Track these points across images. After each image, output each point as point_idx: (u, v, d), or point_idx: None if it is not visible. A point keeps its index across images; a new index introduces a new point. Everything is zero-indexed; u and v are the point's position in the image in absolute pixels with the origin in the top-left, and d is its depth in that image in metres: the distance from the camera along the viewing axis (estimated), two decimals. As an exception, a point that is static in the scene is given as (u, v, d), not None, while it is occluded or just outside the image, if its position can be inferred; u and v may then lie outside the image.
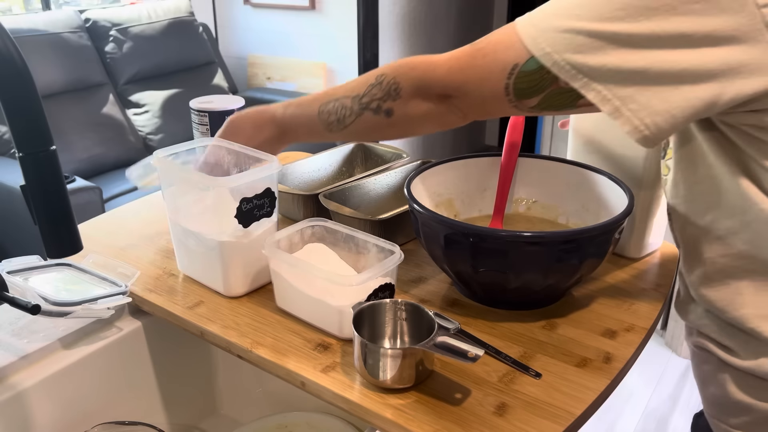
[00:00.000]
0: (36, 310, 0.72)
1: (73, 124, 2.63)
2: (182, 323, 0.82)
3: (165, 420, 0.94)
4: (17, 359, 0.78)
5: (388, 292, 0.77)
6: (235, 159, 0.87)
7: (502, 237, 0.75)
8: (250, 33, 3.49)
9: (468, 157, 0.95)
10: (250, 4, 3.40)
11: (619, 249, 0.93)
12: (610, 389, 0.69)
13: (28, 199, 0.62)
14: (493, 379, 0.69)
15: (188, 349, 0.95)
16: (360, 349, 0.67)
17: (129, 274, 0.87)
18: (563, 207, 0.93)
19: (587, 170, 0.90)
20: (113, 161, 2.72)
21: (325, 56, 3.29)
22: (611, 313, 0.81)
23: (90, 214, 1.16)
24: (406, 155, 1.13)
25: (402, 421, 0.63)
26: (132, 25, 2.92)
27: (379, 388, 0.68)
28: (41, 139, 0.61)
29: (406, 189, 0.83)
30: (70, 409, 0.82)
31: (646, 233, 0.92)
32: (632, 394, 2.16)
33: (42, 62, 2.57)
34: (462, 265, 0.77)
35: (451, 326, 0.74)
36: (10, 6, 3.04)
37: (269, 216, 0.84)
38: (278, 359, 0.73)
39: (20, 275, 0.82)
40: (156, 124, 2.90)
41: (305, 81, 3.34)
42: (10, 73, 0.58)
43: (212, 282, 0.86)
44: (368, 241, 0.79)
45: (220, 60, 3.28)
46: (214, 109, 0.98)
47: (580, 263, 0.75)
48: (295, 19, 3.31)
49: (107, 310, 0.82)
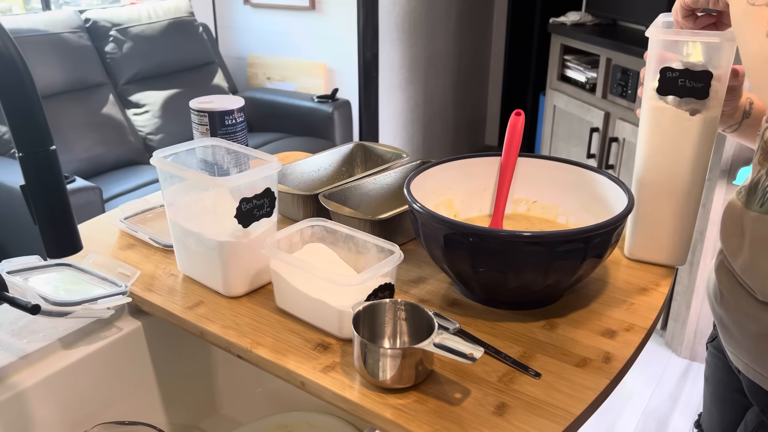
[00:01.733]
0: (36, 310, 0.72)
1: (73, 124, 2.63)
2: (182, 323, 0.82)
3: (165, 420, 0.94)
4: (17, 359, 0.78)
5: (387, 292, 0.77)
6: (235, 159, 0.87)
7: (502, 237, 0.75)
8: (250, 33, 3.49)
9: (468, 157, 0.95)
10: (250, 4, 3.40)
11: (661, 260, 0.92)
12: (609, 389, 0.69)
13: (28, 199, 0.62)
14: (492, 379, 0.69)
15: (188, 349, 0.95)
16: (360, 349, 0.67)
17: (129, 274, 0.88)
18: (563, 207, 0.93)
19: (587, 170, 0.91)
20: (113, 161, 2.72)
21: (325, 56, 3.29)
22: (611, 313, 0.81)
23: (90, 214, 1.16)
24: (405, 155, 1.13)
25: (402, 421, 0.63)
26: (132, 25, 2.92)
27: (378, 388, 0.68)
28: (41, 139, 0.61)
29: (406, 189, 0.83)
30: (70, 409, 0.82)
31: (687, 240, 0.90)
32: (632, 394, 2.16)
33: (42, 62, 2.57)
34: (462, 265, 0.77)
35: (450, 326, 0.74)
36: (10, 6, 3.04)
37: (269, 216, 0.84)
38: (278, 359, 0.73)
39: (20, 275, 0.82)
40: (156, 124, 2.90)
41: (305, 81, 3.34)
42: (10, 73, 0.58)
43: (212, 282, 0.86)
44: (368, 241, 0.79)
45: (220, 60, 3.28)
46: (214, 109, 0.98)
47: (580, 263, 0.75)
48: (295, 19, 3.31)
49: (107, 310, 0.82)
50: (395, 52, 3.35)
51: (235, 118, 1.00)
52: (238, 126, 1.01)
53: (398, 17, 3.31)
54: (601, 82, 2.61)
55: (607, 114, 2.58)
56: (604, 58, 2.59)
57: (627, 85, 2.45)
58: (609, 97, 2.58)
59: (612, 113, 2.56)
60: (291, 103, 3.18)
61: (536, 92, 3.87)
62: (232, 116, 1.00)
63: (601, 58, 2.60)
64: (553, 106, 2.98)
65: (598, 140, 2.63)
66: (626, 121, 2.46)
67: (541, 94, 3.42)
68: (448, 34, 3.74)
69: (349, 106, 3.17)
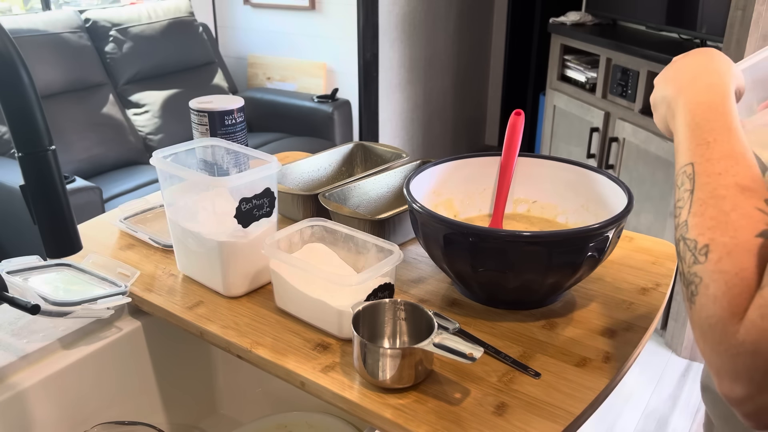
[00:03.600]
0: (36, 310, 0.72)
1: (73, 124, 2.63)
2: (182, 323, 0.82)
3: (165, 420, 0.94)
4: (17, 359, 0.78)
5: (387, 292, 0.77)
6: (235, 159, 0.87)
7: (502, 237, 0.75)
8: (250, 33, 3.49)
9: (468, 157, 0.95)
10: (250, 4, 3.40)
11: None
12: (609, 389, 0.69)
13: (28, 199, 0.62)
14: (492, 379, 0.69)
15: (188, 349, 0.95)
16: (359, 349, 0.67)
17: (129, 274, 0.88)
18: (563, 207, 0.93)
19: (587, 170, 0.90)
20: (113, 161, 2.72)
21: (325, 56, 3.29)
22: (611, 313, 0.81)
23: (90, 214, 1.16)
24: (405, 155, 1.12)
25: (401, 421, 0.63)
26: (132, 25, 2.92)
27: (378, 388, 0.68)
28: (41, 139, 0.61)
29: (406, 189, 0.83)
30: (70, 409, 0.82)
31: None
32: (632, 394, 2.16)
33: (42, 62, 2.57)
34: (461, 264, 0.77)
35: (450, 326, 0.74)
36: (10, 6, 3.04)
37: (269, 216, 0.84)
38: (278, 359, 0.73)
39: (20, 275, 0.82)
40: (156, 124, 2.90)
41: (305, 81, 3.34)
42: (9, 73, 0.58)
43: (212, 282, 0.86)
44: (368, 241, 0.79)
45: (220, 60, 3.28)
46: (213, 109, 0.98)
47: (580, 263, 0.75)
48: (295, 19, 3.31)
49: (107, 310, 0.82)
50: (395, 52, 3.35)
51: (235, 118, 1.00)
52: (238, 126, 1.01)
53: (398, 17, 3.31)
54: (601, 82, 2.61)
55: (607, 114, 2.58)
56: (604, 58, 2.59)
57: (627, 85, 2.45)
58: (609, 97, 2.58)
59: (612, 113, 2.55)
60: (291, 103, 3.18)
61: (536, 92, 3.87)
62: (231, 116, 1.00)
63: (601, 58, 2.60)
64: (553, 106, 2.98)
65: (598, 140, 2.63)
66: (626, 121, 2.46)
67: (541, 94, 3.42)
68: (447, 34, 3.74)
69: (349, 106, 3.17)
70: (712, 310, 0.46)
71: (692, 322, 0.50)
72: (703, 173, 0.52)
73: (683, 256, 0.51)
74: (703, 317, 0.47)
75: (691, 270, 0.49)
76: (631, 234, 1.00)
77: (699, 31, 2.33)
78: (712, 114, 0.57)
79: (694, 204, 0.51)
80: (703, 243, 0.48)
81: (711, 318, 0.47)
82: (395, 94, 3.44)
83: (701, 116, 0.57)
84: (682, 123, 0.59)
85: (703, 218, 0.50)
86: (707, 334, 0.47)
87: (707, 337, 0.47)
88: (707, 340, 0.47)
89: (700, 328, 0.48)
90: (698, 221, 0.50)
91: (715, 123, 0.56)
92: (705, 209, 0.50)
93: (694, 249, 0.49)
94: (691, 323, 0.50)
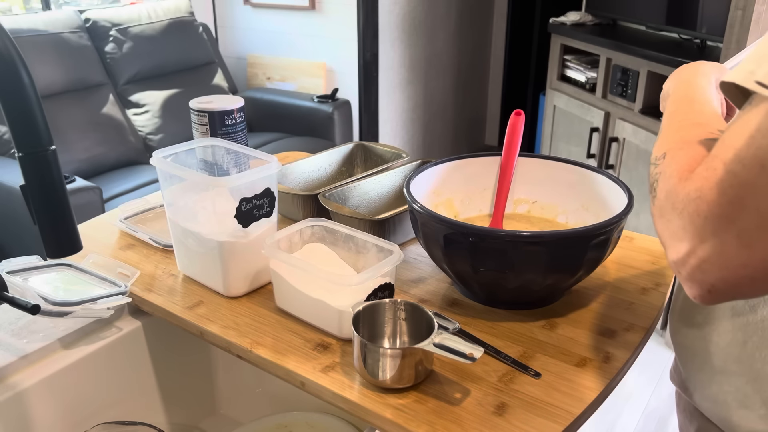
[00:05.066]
0: (36, 310, 0.72)
1: (73, 124, 2.62)
2: (182, 323, 0.82)
3: (165, 420, 0.94)
4: (17, 359, 0.78)
5: (387, 292, 0.77)
6: (235, 159, 0.87)
7: (502, 237, 0.75)
8: (249, 33, 3.49)
9: (468, 157, 0.95)
10: (250, 4, 3.40)
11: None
12: (609, 389, 0.69)
13: (28, 199, 0.62)
14: (492, 379, 0.69)
15: (188, 349, 0.95)
16: (359, 349, 0.67)
17: (129, 274, 0.88)
18: (563, 207, 0.93)
19: (587, 170, 0.90)
20: (113, 161, 2.72)
21: (325, 56, 3.29)
22: (611, 313, 0.81)
23: (90, 214, 1.16)
24: (405, 155, 1.13)
25: (401, 421, 0.63)
26: (132, 25, 2.92)
27: (378, 388, 0.68)
28: (41, 139, 0.61)
29: (406, 189, 0.83)
30: (70, 409, 0.82)
31: None
32: (632, 394, 2.16)
33: (42, 62, 2.57)
34: (461, 264, 0.77)
35: (450, 326, 0.74)
36: (10, 6, 3.04)
37: (269, 216, 0.84)
38: (278, 359, 0.73)
39: (20, 275, 0.82)
40: (156, 124, 2.90)
41: (305, 81, 3.34)
42: (9, 73, 0.58)
43: (212, 282, 0.86)
44: (368, 241, 0.79)
45: (220, 60, 3.28)
46: (213, 109, 0.98)
47: (580, 263, 0.75)
48: (295, 19, 3.31)
49: (107, 310, 0.82)
50: (395, 52, 3.35)
51: (235, 118, 1.00)
52: (238, 126, 1.01)
53: (398, 17, 3.31)
54: (601, 82, 2.61)
55: (607, 114, 2.58)
56: (604, 58, 2.59)
57: (627, 85, 2.45)
58: (609, 97, 2.58)
59: (612, 113, 2.55)
60: (291, 103, 3.18)
61: (536, 92, 3.87)
62: (231, 116, 1.00)
63: (601, 58, 2.60)
64: (553, 106, 2.98)
65: (598, 140, 2.63)
66: (626, 121, 2.46)
67: (541, 94, 3.42)
68: (448, 34, 3.74)
69: (349, 106, 3.17)
70: (668, 185, 0.51)
71: (653, 210, 0.54)
72: (667, 124, 0.62)
73: (650, 174, 0.58)
74: (662, 198, 0.52)
75: (653, 177, 0.56)
76: (631, 234, 1.00)
77: (699, 31, 2.33)
78: (685, 89, 0.67)
79: (659, 138, 0.60)
80: (662, 152, 0.56)
81: (665, 191, 0.51)
82: (395, 94, 3.44)
83: (677, 96, 0.68)
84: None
85: (664, 140, 0.58)
86: (664, 206, 0.51)
87: (664, 210, 0.51)
88: (663, 212, 0.51)
89: (659, 208, 0.52)
90: (659, 144, 0.59)
91: (683, 93, 0.67)
92: (666, 136, 0.59)
93: (655, 160, 0.57)
94: (652, 211, 0.54)
